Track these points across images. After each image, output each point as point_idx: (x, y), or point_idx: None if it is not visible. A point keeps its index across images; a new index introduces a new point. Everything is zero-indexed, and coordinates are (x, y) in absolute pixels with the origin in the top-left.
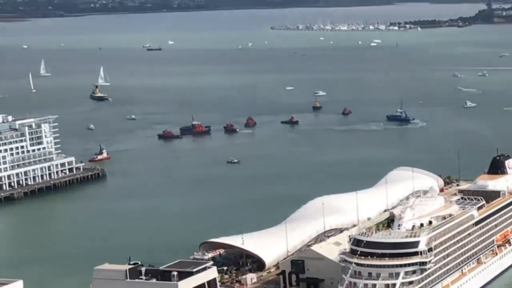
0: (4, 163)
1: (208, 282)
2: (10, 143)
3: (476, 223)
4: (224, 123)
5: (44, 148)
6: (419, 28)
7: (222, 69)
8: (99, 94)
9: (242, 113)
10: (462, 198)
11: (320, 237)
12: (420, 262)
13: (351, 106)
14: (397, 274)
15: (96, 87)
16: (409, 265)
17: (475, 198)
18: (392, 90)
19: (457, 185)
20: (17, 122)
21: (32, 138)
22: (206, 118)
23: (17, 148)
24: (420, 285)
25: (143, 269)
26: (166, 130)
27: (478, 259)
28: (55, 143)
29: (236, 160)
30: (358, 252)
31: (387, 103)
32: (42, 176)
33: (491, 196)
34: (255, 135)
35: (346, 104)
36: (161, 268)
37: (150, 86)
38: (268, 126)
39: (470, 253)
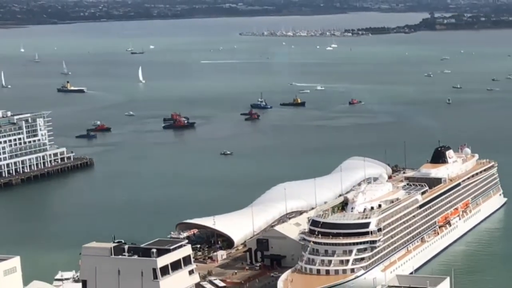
0: (4, 153)
1: (183, 258)
2: (9, 135)
3: (420, 207)
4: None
5: (39, 140)
6: (370, 34)
7: (196, 70)
8: (71, 88)
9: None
10: (407, 184)
11: (282, 219)
12: (370, 241)
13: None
14: (350, 251)
15: (67, 81)
16: (360, 243)
17: (419, 184)
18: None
19: (404, 173)
20: (15, 117)
21: (28, 131)
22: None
23: (15, 140)
24: (370, 261)
25: (126, 247)
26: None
27: (422, 238)
28: (49, 136)
29: (229, 152)
30: (316, 232)
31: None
32: (37, 164)
33: (433, 182)
34: (222, 127)
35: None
36: (142, 246)
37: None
38: (229, 119)
39: (414, 233)
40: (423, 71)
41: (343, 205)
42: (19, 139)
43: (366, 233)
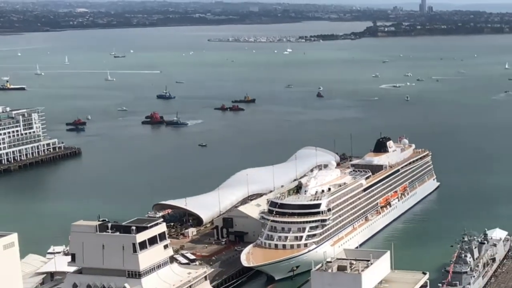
0: (3, 143)
1: (159, 234)
2: (8, 128)
3: (364, 190)
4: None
5: (34, 132)
6: (321, 40)
7: (172, 72)
8: (12, 86)
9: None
10: (353, 170)
11: (245, 200)
12: (321, 220)
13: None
14: (304, 229)
15: (7, 81)
16: (313, 221)
17: (363, 171)
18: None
19: (350, 160)
20: (13, 112)
21: (25, 124)
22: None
23: (13, 132)
24: (321, 237)
25: (109, 224)
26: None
27: (366, 217)
28: (42, 128)
29: (204, 144)
30: (274, 212)
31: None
32: (32, 153)
33: (375, 169)
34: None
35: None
36: (123, 223)
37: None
38: (206, 113)
39: (359, 212)
40: (370, 72)
41: (297, 189)
42: (17, 131)
43: (318, 213)
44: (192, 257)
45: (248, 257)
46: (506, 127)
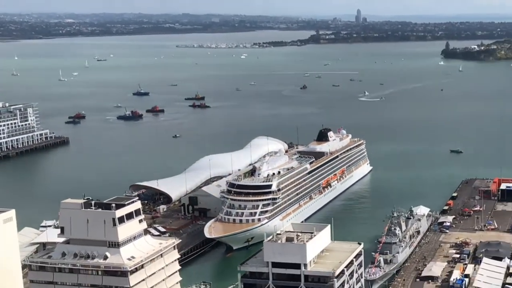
0: (3, 133)
1: (135, 210)
2: (7, 120)
3: (309, 173)
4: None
5: (29, 123)
6: (272, 46)
7: (146, 73)
8: None
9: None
10: (299, 156)
11: (208, 182)
12: (272, 198)
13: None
14: (257, 206)
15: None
16: (265, 200)
17: (308, 157)
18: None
19: (296, 148)
20: (12, 107)
21: (21, 117)
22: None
23: (11, 123)
24: (272, 213)
25: (93, 202)
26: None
27: (310, 196)
28: (36, 120)
29: (178, 135)
30: (232, 192)
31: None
32: (27, 142)
33: (318, 155)
34: (166, 116)
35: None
36: (104, 201)
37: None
38: (177, 108)
39: (304, 192)
40: (312, 74)
41: (252, 172)
42: (14, 123)
43: (269, 192)
44: (163, 230)
45: (210, 230)
46: (427, 119)
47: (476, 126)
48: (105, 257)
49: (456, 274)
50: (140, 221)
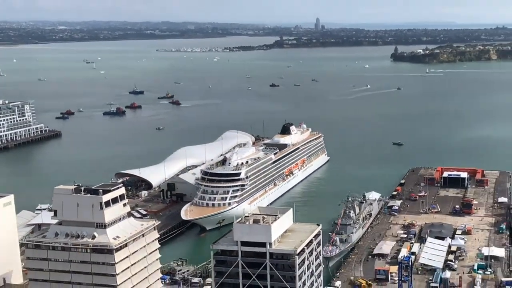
0: (3, 127)
1: (119, 195)
2: (6, 116)
3: (273, 162)
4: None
5: (25, 118)
6: (241, 51)
7: (130, 73)
8: None
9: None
10: (265, 148)
11: (184, 170)
12: (241, 185)
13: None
14: (228, 191)
15: None
16: (234, 186)
17: (272, 148)
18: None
19: (262, 140)
20: (11, 104)
21: (19, 113)
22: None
23: (10, 119)
24: (241, 198)
25: (82, 188)
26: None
27: (274, 183)
28: (32, 116)
29: (161, 127)
30: (206, 179)
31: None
32: (25, 135)
33: (281, 147)
34: (147, 112)
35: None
36: (92, 187)
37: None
38: (153, 105)
39: (270, 179)
40: (277, 75)
41: (223, 161)
42: (13, 118)
43: (238, 179)
44: (144, 212)
45: (186, 213)
46: (382, 115)
47: (421, 122)
48: (93, 237)
49: (403, 252)
50: (124, 205)
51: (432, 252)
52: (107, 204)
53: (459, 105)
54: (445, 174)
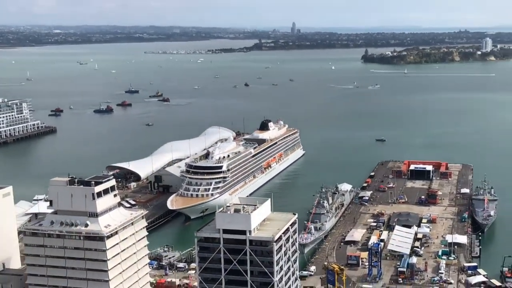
0: (2, 123)
1: (110, 187)
2: (6, 113)
3: (253, 156)
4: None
5: (23, 115)
6: (223, 53)
7: (119, 74)
8: None
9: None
10: (245, 142)
11: (170, 163)
12: (222, 177)
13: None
14: (211, 183)
15: None
16: (217, 178)
17: (252, 143)
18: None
19: (243, 135)
20: (10, 102)
21: (17, 110)
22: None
23: (9, 115)
24: (223, 189)
25: (76, 180)
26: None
27: (253, 175)
28: (29, 113)
29: (151, 124)
30: (190, 171)
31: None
32: (22, 130)
33: (260, 141)
34: (135, 109)
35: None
36: (85, 179)
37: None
38: (143, 103)
39: (249, 172)
40: (256, 75)
41: (206, 155)
42: (12, 115)
43: (220, 172)
44: (133, 202)
45: (172, 203)
46: (353, 112)
47: (400, 118)
48: (86, 225)
49: (373, 239)
50: (115, 195)
51: (400, 239)
52: (99, 194)
53: (427, 103)
54: (412, 167)
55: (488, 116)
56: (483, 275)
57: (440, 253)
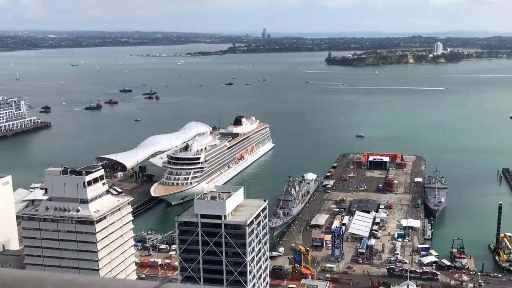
0: (2, 119)
1: (99, 176)
2: (5, 109)
3: (228, 148)
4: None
5: (21, 112)
6: (200, 56)
7: (108, 75)
8: None
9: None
10: (221, 136)
11: (153, 155)
12: (200, 167)
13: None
14: (189, 173)
15: None
16: (195, 168)
17: (227, 136)
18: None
19: (219, 130)
20: (9, 99)
21: (16, 107)
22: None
23: (8, 112)
24: (201, 178)
25: (68, 170)
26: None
27: (228, 166)
28: (27, 110)
29: (139, 119)
30: (171, 162)
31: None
32: (20, 125)
33: (234, 135)
34: (122, 106)
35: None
36: (77, 169)
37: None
38: (131, 101)
39: (224, 162)
40: (230, 76)
41: (186, 148)
42: (11, 111)
43: (198, 163)
44: (120, 190)
45: (155, 190)
46: (317, 111)
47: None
48: (78, 210)
49: (336, 223)
50: (103, 184)
51: (360, 224)
52: (89, 183)
53: (387, 100)
54: (371, 158)
55: (444, 113)
56: (435, 256)
57: (396, 236)
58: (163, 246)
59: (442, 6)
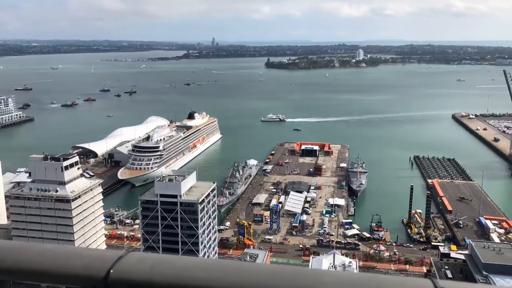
0: None
1: (75, 162)
2: None
3: (183, 139)
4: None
5: (9, 108)
6: (160, 60)
7: (86, 78)
8: None
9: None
10: (177, 128)
11: (120, 144)
12: (159, 154)
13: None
14: (150, 159)
15: None
16: (155, 155)
17: (182, 129)
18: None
19: (175, 123)
20: None
21: (4, 104)
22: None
23: None
24: (160, 164)
25: (49, 156)
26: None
27: (183, 153)
28: (14, 106)
29: (111, 115)
30: (135, 150)
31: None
32: (8, 119)
33: (188, 128)
34: (99, 104)
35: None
36: (55, 156)
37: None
38: (107, 99)
39: (180, 150)
40: (186, 77)
41: (147, 138)
42: (0, 108)
43: (158, 151)
44: (92, 174)
45: (121, 174)
46: (259, 109)
47: (295, 110)
48: (56, 191)
49: (273, 202)
50: (78, 168)
51: (294, 202)
52: (66, 168)
53: (323, 99)
54: (303, 147)
55: (371, 108)
56: (357, 229)
57: (324, 212)
58: (128, 221)
59: (349, 19)
